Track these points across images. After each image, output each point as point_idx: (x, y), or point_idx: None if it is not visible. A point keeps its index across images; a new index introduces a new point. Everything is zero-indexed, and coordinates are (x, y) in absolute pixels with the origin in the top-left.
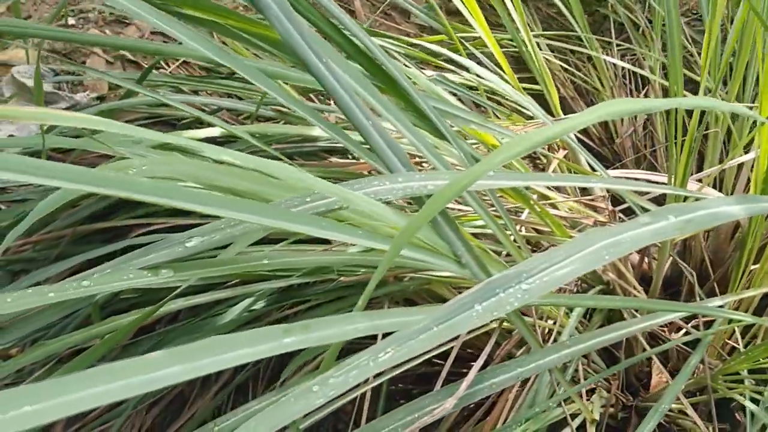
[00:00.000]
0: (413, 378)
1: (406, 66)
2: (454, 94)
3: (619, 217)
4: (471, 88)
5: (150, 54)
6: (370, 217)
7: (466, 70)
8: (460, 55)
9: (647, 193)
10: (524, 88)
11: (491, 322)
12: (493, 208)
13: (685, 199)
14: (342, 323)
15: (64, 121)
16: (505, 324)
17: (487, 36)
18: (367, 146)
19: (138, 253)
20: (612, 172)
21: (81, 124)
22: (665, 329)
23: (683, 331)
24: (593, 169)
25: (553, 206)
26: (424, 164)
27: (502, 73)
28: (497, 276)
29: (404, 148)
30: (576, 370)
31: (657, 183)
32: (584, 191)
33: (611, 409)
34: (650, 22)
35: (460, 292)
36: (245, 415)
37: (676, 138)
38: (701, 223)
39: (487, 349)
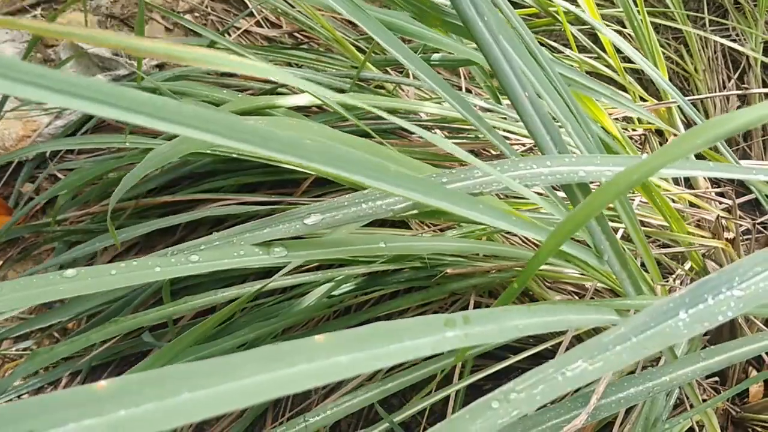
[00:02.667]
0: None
1: None
2: None
3: (740, 215)
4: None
5: None
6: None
7: (567, 47)
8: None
9: None
10: (624, 68)
11: None
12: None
13: None
14: (501, 318)
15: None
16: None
17: (592, 12)
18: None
19: (249, 227)
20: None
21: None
22: None
23: None
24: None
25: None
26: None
27: (600, 52)
28: (707, 278)
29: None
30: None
31: None
32: (686, 181)
33: None
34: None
35: (550, 288)
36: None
37: None
38: None
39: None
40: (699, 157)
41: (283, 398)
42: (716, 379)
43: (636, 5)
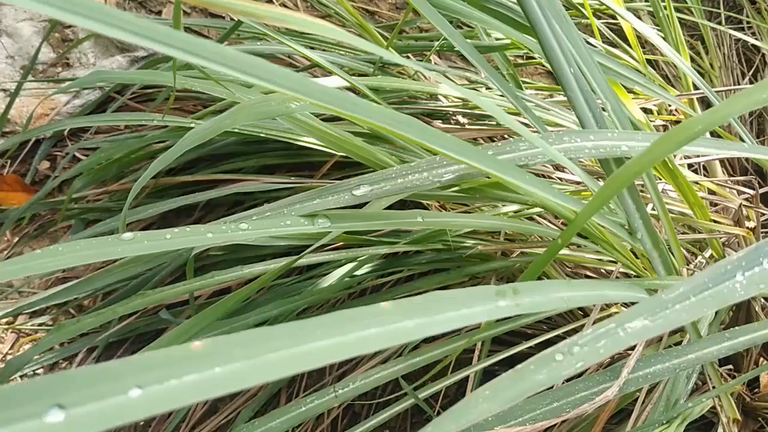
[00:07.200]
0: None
1: None
2: None
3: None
4: None
5: None
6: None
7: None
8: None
9: None
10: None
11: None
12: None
13: None
14: (547, 290)
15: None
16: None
17: (617, 1)
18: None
19: (299, 198)
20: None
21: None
22: None
23: None
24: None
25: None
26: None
27: (624, 44)
28: (763, 242)
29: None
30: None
31: None
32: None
33: None
34: None
35: (568, 275)
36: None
37: None
38: None
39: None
40: None
41: (297, 378)
42: (731, 366)
43: None
